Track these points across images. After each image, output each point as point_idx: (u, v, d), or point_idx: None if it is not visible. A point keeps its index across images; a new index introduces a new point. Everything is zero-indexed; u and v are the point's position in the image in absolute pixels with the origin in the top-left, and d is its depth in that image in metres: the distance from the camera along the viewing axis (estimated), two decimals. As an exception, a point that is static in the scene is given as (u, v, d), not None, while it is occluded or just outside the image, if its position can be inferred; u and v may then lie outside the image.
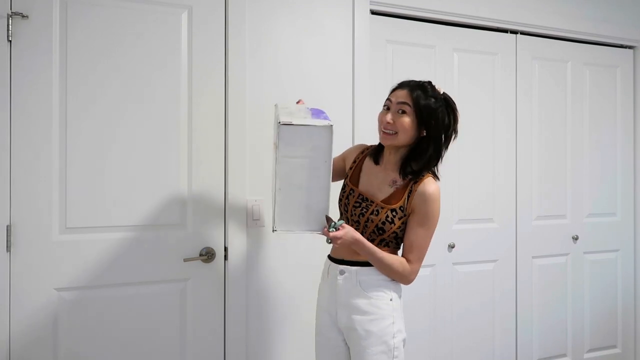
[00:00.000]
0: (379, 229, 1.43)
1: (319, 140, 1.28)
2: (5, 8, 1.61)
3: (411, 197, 1.41)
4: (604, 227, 2.72)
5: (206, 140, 1.87)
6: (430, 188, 1.41)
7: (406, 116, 1.40)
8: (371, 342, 1.39)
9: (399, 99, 1.41)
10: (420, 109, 1.39)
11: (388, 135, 1.42)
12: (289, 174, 1.30)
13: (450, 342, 2.35)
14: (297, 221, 1.34)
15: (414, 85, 1.43)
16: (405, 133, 1.40)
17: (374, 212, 1.43)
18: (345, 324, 1.45)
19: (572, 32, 2.58)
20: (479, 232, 2.42)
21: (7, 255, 1.62)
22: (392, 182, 1.46)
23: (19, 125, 1.64)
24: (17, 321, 1.63)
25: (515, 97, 2.50)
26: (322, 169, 1.31)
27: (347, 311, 1.44)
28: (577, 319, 2.66)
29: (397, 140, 1.42)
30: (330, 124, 1.28)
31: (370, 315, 1.40)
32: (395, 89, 1.47)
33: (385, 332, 1.40)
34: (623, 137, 2.78)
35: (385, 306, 1.42)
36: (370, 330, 1.39)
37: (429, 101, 1.40)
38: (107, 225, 1.74)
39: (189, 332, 1.85)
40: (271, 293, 1.97)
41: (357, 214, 1.47)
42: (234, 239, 1.90)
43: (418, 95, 1.40)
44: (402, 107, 1.40)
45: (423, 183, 1.42)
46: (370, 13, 2.17)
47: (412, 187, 1.42)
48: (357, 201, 1.47)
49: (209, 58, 1.87)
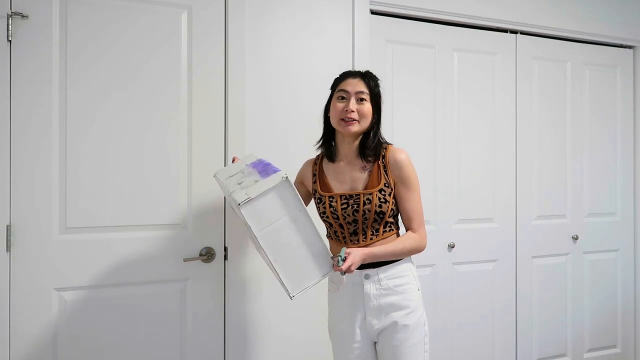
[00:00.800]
0: (378, 213, 1.45)
1: (283, 196, 1.26)
2: (5, 8, 1.61)
3: (388, 170, 1.48)
4: (603, 226, 2.72)
5: (206, 139, 1.87)
6: (400, 154, 1.48)
7: (366, 103, 1.48)
8: (409, 335, 1.44)
9: (356, 88, 1.48)
10: (374, 95, 1.50)
11: (349, 123, 1.46)
12: (274, 242, 1.27)
13: (450, 341, 2.35)
14: (306, 274, 1.32)
15: (366, 75, 1.52)
16: (365, 119, 1.48)
17: (366, 202, 1.45)
18: (378, 326, 1.46)
19: (572, 31, 2.58)
20: (479, 232, 2.42)
21: (7, 255, 1.62)
22: (362, 169, 1.50)
23: (19, 124, 1.64)
24: (17, 321, 1.63)
25: (515, 96, 2.50)
26: (301, 217, 1.30)
27: (381, 312, 1.46)
28: (577, 318, 2.66)
29: (359, 127, 1.47)
30: (284, 176, 1.26)
31: (405, 310, 1.45)
32: (343, 79, 1.52)
33: (419, 322, 1.47)
34: (623, 136, 2.78)
35: (416, 297, 1.49)
36: (407, 325, 1.44)
37: (377, 87, 1.52)
38: (107, 225, 1.74)
39: (189, 332, 1.85)
40: (271, 293, 1.97)
41: (349, 214, 1.47)
42: (234, 239, 1.90)
43: (370, 83, 1.50)
44: (361, 96, 1.47)
45: (390, 153, 1.49)
46: (370, 13, 2.18)
47: (383, 162, 1.48)
48: (343, 202, 1.48)
49: (209, 57, 1.87)
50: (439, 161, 2.32)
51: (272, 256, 1.27)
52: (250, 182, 1.30)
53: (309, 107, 2.03)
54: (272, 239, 1.27)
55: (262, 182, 1.27)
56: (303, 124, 2.01)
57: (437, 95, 2.33)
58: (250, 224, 1.23)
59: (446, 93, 2.35)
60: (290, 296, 1.29)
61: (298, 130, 2.00)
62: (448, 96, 2.35)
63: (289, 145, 1.99)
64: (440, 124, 2.33)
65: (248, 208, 1.22)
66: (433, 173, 2.30)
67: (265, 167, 1.34)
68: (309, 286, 1.33)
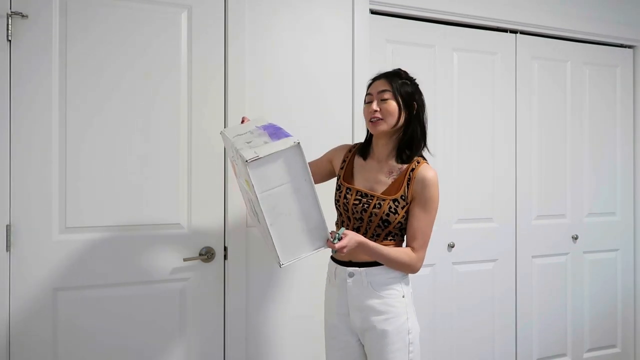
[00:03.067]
0: (383, 221, 1.44)
1: (291, 161, 1.22)
2: (5, 8, 1.61)
3: (411, 185, 1.45)
4: (603, 226, 2.73)
5: (206, 139, 1.87)
6: (429, 173, 1.45)
7: (390, 101, 1.46)
8: (388, 341, 1.41)
9: (378, 88, 1.48)
10: (400, 92, 1.47)
11: (375, 122, 1.47)
12: (274, 206, 1.24)
13: (450, 341, 2.35)
14: (299, 246, 1.30)
15: (389, 74, 1.51)
16: (391, 116, 1.46)
17: (376, 206, 1.45)
18: (360, 325, 1.46)
19: (572, 31, 2.58)
20: (479, 232, 2.42)
21: (6, 255, 1.62)
22: (388, 173, 1.49)
23: (19, 124, 1.64)
24: (16, 321, 1.63)
25: (514, 96, 2.50)
26: (305, 187, 1.25)
27: (361, 312, 1.45)
28: (576, 318, 2.66)
29: (385, 125, 1.46)
30: (296, 142, 1.22)
31: (385, 315, 1.43)
32: (371, 82, 1.54)
33: (401, 329, 1.42)
34: (622, 136, 2.78)
35: (399, 304, 1.45)
36: (386, 330, 1.42)
37: (405, 85, 1.48)
38: (107, 225, 1.74)
39: (189, 332, 1.85)
40: (271, 292, 1.97)
41: (358, 211, 1.48)
42: (234, 238, 1.90)
43: (395, 81, 1.48)
44: (383, 95, 1.46)
45: (420, 169, 1.46)
46: (370, 13, 2.18)
47: (410, 175, 1.46)
48: (356, 198, 1.49)
49: (209, 57, 1.87)
50: (438, 161, 2.32)
51: (269, 219, 1.23)
52: (259, 143, 1.25)
53: (308, 106, 2.03)
54: (272, 203, 1.23)
55: (272, 144, 1.22)
56: (303, 123, 2.01)
57: (437, 95, 2.33)
58: (253, 183, 1.20)
59: (446, 93, 2.35)
60: (280, 264, 1.27)
61: (299, 130, 2.00)
62: (448, 96, 2.35)
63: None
64: (440, 124, 2.33)
65: (254, 166, 1.18)
66: (433, 173, 2.30)
67: (276, 130, 1.30)
68: (300, 258, 1.30)
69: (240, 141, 1.31)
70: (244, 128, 1.42)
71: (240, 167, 1.28)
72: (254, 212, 1.41)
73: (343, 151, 1.64)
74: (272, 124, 1.37)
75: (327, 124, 2.05)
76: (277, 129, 1.32)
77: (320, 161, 1.71)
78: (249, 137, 1.32)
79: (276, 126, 1.35)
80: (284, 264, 1.28)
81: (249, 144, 1.27)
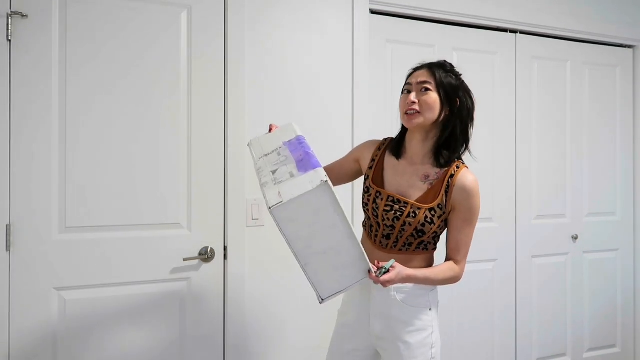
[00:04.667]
0: (418, 231, 1.33)
1: (320, 200, 1.11)
2: (5, 7, 1.61)
3: (450, 193, 1.33)
4: (603, 226, 2.72)
5: (206, 139, 1.87)
6: (470, 181, 1.33)
7: (430, 93, 1.32)
8: (410, 353, 1.33)
9: (419, 78, 1.34)
10: (443, 85, 1.32)
11: (412, 115, 1.32)
12: (306, 247, 1.16)
13: (449, 341, 2.35)
14: (338, 281, 1.23)
15: (433, 64, 1.37)
16: (430, 111, 1.32)
17: (411, 215, 1.32)
18: (380, 332, 1.37)
19: (572, 31, 2.58)
20: (479, 232, 2.39)
21: (6, 255, 1.62)
22: (424, 177, 1.36)
23: (19, 124, 1.64)
24: (16, 321, 1.63)
25: (514, 96, 2.50)
26: (337, 222, 1.15)
27: (383, 320, 1.36)
28: (576, 318, 2.66)
29: (422, 119, 1.32)
30: (324, 179, 1.10)
31: (410, 327, 1.34)
32: (413, 72, 1.40)
33: (424, 343, 1.35)
34: (622, 136, 2.78)
35: (425, 317, 1.37)
36: (409, 342, 1.33)
37: (450, 78, 1.34)
38: (107, 225, 1.74)
39: (189, 331, 1.85)
40: (271, 292, 1.97)
41: (390, 218, 1.35)
42: (234, 238, 1.90)
43: (439, 73, 1.34)
44: (425, 85, 1.32)
45: (460, 176, 1.33)
46: (370, 12, 2.17)
47: (449, 182, 1.33)
48: (387, 204, 1.35)
49: (209, 57, 1.87)
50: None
51: (303, 260, 1.18)
52: (284, 175, 1.16)
53: (308, 105, 2.03)
54: (304, 245, 1.16)
55: (297, 180, 1.12)
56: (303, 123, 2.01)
57: (437, 94, 2.32)
58: (281, 227, 1.12)
59: (446, 93, 2.34)
60: (320, 300, 1.22)
61: (298, 130, 2.01)
62: (448, 96, 2.35)
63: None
64: (440, 124, 2.32)
65: (278, 212, 1.09)
66: (433, 173, 2.30)
67: (304, 156, 1.19)
68: (341, 292, 1.24)
69: (266, 169, 1.22)
70: (271, 144, 1.31)
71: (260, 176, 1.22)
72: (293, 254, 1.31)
73: (372, 149, 1.48)
74: (300, 140, 1.26)
75: (327, 124, 2.05)
76: (306, 152, 1.21)
77: (345, 161, 1.56)
78: (276, 159, 1.23)
79: (304, 145, 1.24)
80: (325, 299, 1.22)
81: (274, 174, 1.18)
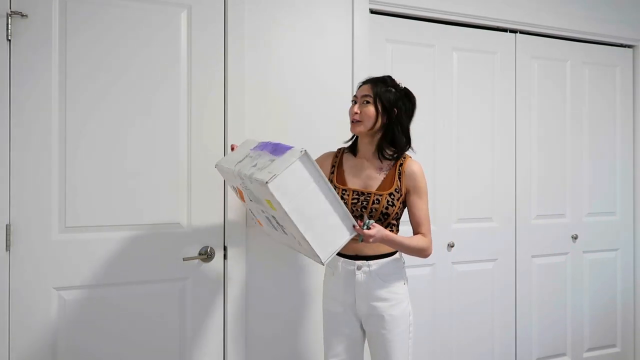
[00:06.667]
0: (383, 214, 1.57)
1: (305, 169, 1.30)
2: (5, 7, 1.61)
3: (402, 178, 1.61)
4: (603, 226, 2.73)
5: (206, 139, 1.87)
6: (415, 166, 1.63)
7: (369, 106, 1.59)
8: (395, 324, 1.57)
9: (362, 92, 1.62)
10: (381, 99, 1.59)
11: (355, 124, 1.62)
12: (303, 215, 1.31)
13: (449, 341, 2.35)
14: (333, 241, 1.39)
15: (374, 80, 1.64)
16: (368, 120, 1.59)
17: (375, 201, 1.57)
18: (366, 311, 1.59)
19: (572, 31, 2.58)
20: (478, 231, 2.42)
21: (6, 255, 1.62)
22: (379, 170, 1.63)
23: (19, 123, 1.64)
24: (16, 320, 1.63)
25: (514, 96, 2.50)
26: (323, 186, 1.34)
27: (369, 300, 1.58)
28: (576, 318, 2.66)
29: (363, 127, 1.60)
30: (303, 150, 1.29)
31: (391, 301, 1.58)
32: (360, 85, 1.66)
33: (404, 313, 1.59)
34: (622, 136, 2.78)
35: (401, 290, 1.61)
36: (393, 315, 1.57)
37: (388, 92, 1.60)
38: (107, 225, 1.74)
39: (189, 331, 1.85)
40: (271, 292, 1.97)
41: (358, 209, 1.58)
42: (234, 238, 1.90)
43: (379, 88, 1.60)
44: (366, 99, 1.60)
45: (407, 164, 1.62)
46: (370, 12, 2.18)
47: (400, 170, 1.61)
48: (354, 197, 1.59)
49: (209, 57, 1.87)
50: (438, 160, 2.32)
51: (302, 227, 1.31)
52: (265, 162, 1.32)
53: (308, 105, 2.03)
54: (301, 211, 1.30)
55: (281, 159, 1.29)
56: (302, 123, 2.02)
57: (437, 94, 2.33)
58: (279, 200, 1.25)
59: (445, 92, 2.35)
60: (323, 262, 1.37)
61: (297, 129, 2.00)
62: (447, 95, 2.35)
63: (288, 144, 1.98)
64: (439, 123, 2.33)
65: (275, 185, 1.24)
66: (433, 172, 2.30)
67: (276, 146, 1.38)
68: (336, 250, 1.39)
69: (247, 167, 1.37)
70: (240, 154, 1.50)
71: (257, 190, 1.33)
72: (273, 226, 1.48)
73: (329, 159, 1.73)
74: (265, 142, 1.45)
75: (327, 123, 2.05)
76: (275, 145, 1.39)
77: None
78: (251, 160, 1.40)
79: (271, 143, 1.42)
80: (326, 260, 1.37)
81: (255, 166, 1.34)
